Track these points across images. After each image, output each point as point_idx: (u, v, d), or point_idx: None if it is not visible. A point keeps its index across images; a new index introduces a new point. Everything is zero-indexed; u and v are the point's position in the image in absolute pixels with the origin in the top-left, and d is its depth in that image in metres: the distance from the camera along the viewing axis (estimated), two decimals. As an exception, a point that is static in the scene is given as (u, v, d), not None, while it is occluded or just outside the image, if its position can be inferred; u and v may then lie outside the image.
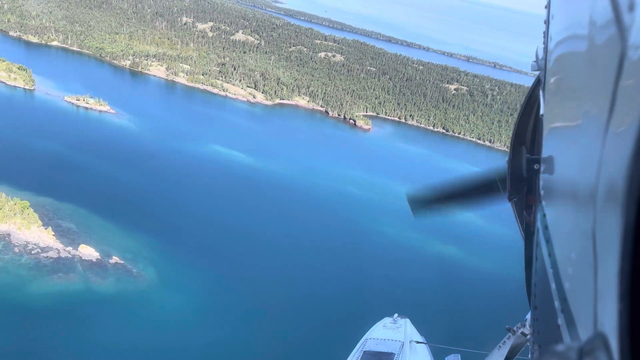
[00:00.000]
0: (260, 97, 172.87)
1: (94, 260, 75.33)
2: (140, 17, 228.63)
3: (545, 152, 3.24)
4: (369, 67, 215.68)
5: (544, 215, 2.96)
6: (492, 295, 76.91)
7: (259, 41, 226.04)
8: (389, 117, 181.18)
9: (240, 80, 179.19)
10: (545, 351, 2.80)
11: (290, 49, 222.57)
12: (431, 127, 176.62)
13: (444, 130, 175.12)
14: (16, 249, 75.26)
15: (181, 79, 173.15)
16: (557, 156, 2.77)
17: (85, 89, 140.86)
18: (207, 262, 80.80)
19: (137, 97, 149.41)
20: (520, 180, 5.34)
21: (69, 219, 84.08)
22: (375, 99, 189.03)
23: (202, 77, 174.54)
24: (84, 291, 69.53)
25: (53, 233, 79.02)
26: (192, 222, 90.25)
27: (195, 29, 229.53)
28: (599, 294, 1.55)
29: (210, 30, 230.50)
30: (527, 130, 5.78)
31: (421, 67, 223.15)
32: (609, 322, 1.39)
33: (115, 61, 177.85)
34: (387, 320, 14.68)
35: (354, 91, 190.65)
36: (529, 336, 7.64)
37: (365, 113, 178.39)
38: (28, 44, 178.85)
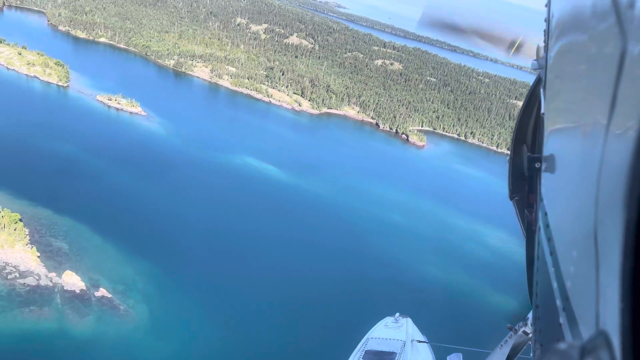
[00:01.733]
0: (306, 105, 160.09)
1: (78, 291, 64.21)
2: (194, 16, 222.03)
3: (546, 151, 3.26)
4: (429, 78, 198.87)
5: (545, 214, 2.97)
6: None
7: (313, 45, 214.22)
8: (446, 134, 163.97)
9: (287, 86, 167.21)
10: (547, 350, 2.80)
11: (345, 55, 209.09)
12: (494, 148, 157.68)
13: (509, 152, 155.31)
14: (-11, 272, 65.19)
15: (225, 82, 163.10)
16: (558, 154, 2.76)
17: (121, 88, 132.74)
18: (214, 301, 68.22)
19: (174, 99, 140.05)
20: (522, 179, 5.51)
21: (62, 236, 73.79)
22: (433, 112, 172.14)
23: (246, 81, 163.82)
24: (56, 332, 58.25)
25: (38, 254, 68.78)
26: (204, 250, 78.18)
27: (248, 30, 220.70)
28: (601, 293, 1.54)
29: (264, 32, 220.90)
30: (528, 128, 5.81)
31: (487, 80, 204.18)
32: (611, 320, 1.39)
33: (159, 60, 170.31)
34: (388, 320, 14.63)
35: (409, 103, 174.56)
36: (530, 335, 7.77)
37: (420, 128, 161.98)
38: (75, 39, 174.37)
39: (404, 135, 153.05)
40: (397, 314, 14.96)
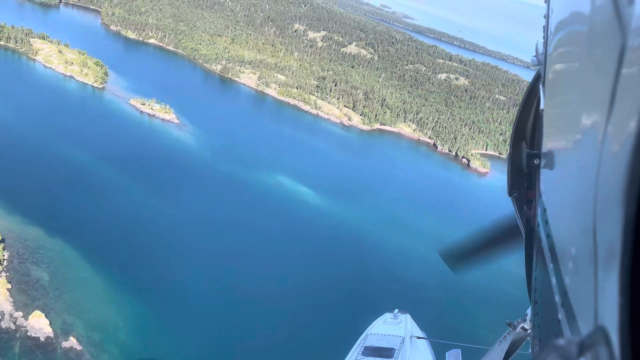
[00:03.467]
0: (356, 120, 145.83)
1: (42, 338, 52.80)
2: (250, 20, 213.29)
3: (545, 147, 3.27)
4: (497, 96, 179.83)
5: (544, 210, 2.98)
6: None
7: (372, 55, 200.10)
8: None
9: (337, 98, 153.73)
10: (545, 346, 2.79)
11: (406, 67, 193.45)
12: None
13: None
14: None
15: (271, 91, 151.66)
16: (557, 151, 2.76)
17: (159, 92, 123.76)
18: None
19: (212, 107, 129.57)
20: (521, 176, 5.55)
21: (46, 264, 63.18)
22: (500, 134, 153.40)
23: (294, 90, 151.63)
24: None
25: (9, 285, 58.21)
26: (213, 296, 65.45)
27: (305, 37, 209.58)
28: (600, 289, 1.54)
29: (321, 40, 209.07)
30: (527, 125, 5.81)
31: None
32: (610, 316, 1.39)
33: (206, 65, 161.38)
34: (387, 316, 14.65)
35: (474, 123, 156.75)
36: (529, 331, 7.73)
37: (484, 151, 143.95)
38: (124, 39, 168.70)
39: (464, 160, 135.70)
40: (396, 310, 14.83)
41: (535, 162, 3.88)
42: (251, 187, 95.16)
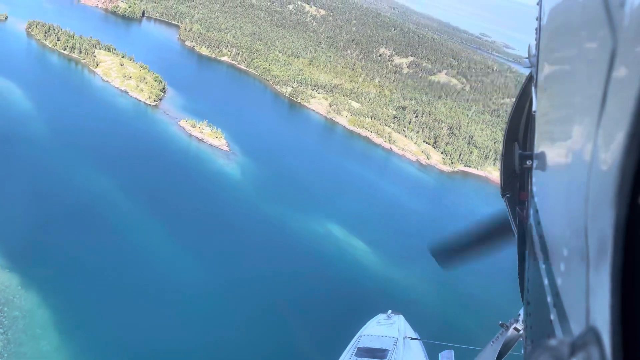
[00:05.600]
0: (436, 159, 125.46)
1: None
2: (332, 42, 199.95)
3: (537, 149, 3.29)
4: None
5: (537, 211, 3.00)
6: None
7: (463, 85, 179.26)
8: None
9: (417, 132, 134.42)
10: (537, 346, 2.80)
11: (502, 101, 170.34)
12: None
13: None
14: None
15: (342, 119, 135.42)
16: (549, 152, 2.77)
17: (215, 113, 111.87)
18: None
19: (270, 133, 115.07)
20: (513, 177, 5.58)
21: (2, 330, 49.61)
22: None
23: (368, 120, 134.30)
24: None
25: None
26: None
27: (390, 62, 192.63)
28: (591, 289, 1.55)
29: (408, 66, 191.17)
30: (520, 126, 5.87)
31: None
32: (601, 316, 1.40)
33: (276, 86, 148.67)
34: (380, 317, 14.59)
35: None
36: (521, 331, 7.82)
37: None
38: (196, 56, 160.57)
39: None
40: (390, 311, 14.65)
41: (527, 163, 3.92)
42: (294, 235, 78.60)
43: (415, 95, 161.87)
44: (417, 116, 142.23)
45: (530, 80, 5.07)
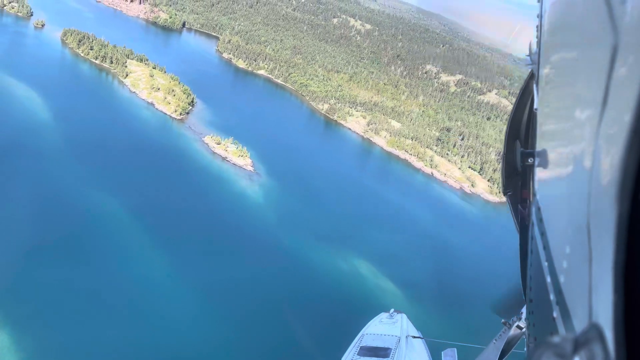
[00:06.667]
0: (482, 188, 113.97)
1: None
2: (376, 57, 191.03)
3: (539, 146, 3.29)
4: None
5: (539, 209, 3.01)
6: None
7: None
8: None
9: (461, 156, 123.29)
10: (540, 343, 2.79)
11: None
12: None
13: None
14: None
15: (380, 140, 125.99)
16: (551, 150, 2.78)
17: (243, 130, 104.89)
18: None
19: (300, 153, 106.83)
20: (515, 175, 5.54)
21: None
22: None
23: (408, 142, 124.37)
24: None
25: None
26: None
27: (436, 79, 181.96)
28: (594, 286, 1.55)
29: (455, 85, 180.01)
30: (522, 124, 5.82)
31: None
32: (604, 313, 1.40)
33: (313, 103, 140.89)
34: (383, 316, 14.54)
35: None
36: (524, 329, 7.68)
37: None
38: (233, 68, 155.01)
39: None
40: (392, 310, 14.79)
41: (529, 161, 3.95)
42: (314, 271, 69.74)
43: (462, 116, 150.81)
44: (462, 139, 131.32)
45: (532, 78, 5.07)
